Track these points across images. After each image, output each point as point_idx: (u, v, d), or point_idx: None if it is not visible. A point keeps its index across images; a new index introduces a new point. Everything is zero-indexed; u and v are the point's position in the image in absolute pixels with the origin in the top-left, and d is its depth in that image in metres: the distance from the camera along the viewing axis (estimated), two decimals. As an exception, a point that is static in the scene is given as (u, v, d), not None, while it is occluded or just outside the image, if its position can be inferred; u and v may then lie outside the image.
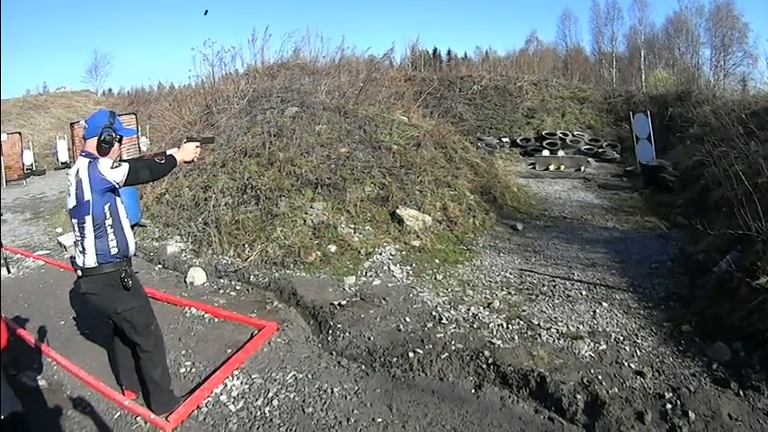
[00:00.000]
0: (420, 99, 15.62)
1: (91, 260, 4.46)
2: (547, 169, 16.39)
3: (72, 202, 4.40)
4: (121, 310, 4.69)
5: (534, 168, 16.67)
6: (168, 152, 4.88)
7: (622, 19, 54.36)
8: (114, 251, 4.53)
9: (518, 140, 19.59)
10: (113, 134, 4.49)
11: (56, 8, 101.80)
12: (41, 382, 5.76)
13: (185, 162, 5.12)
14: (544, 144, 18.86)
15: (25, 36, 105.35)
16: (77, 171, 4.38)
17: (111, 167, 4.33)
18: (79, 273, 4.55)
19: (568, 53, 54.63)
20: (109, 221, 4.48)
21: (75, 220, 4.45)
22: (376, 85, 14.56)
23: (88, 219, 4.39)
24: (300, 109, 11.86)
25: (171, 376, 5.22)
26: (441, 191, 9.98)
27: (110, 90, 60.71)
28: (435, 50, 57.61)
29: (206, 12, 36.87)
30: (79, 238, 4.47)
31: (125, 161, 4.54)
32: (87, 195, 4.33)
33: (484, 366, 5.13)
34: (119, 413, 5.09)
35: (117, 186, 4.43)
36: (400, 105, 14.05)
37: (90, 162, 4.39)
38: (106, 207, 4.44)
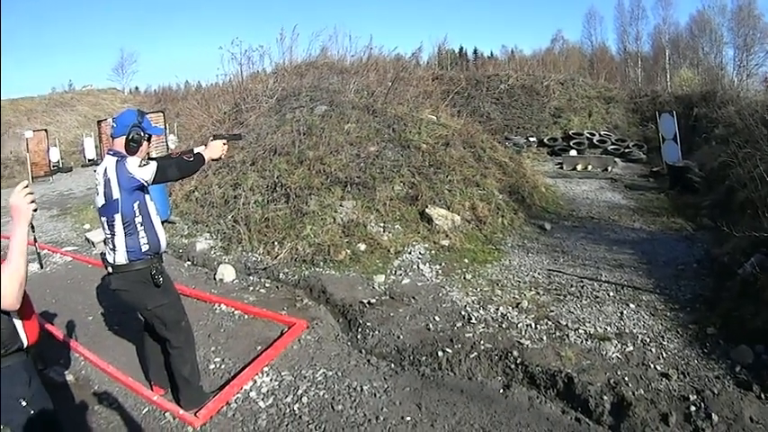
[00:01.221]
0: (448, 98, 15.55)
1: (121, 257, 4.50)
2: (574, 169, 16.34)
3: (101, 201, 4.44)
4: (152, 307, 4.75)
5: (561, 168, 16.62)
6: (196, 150, 4.94)
7: (647, 18, 53.87)
8: (145, 248, 4.56)
9: (545, 140, 19.54)
10: (142, 133, 4.55)
11: (81, 7, 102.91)
12: (69, 377, 5.86)
13: (213, 160, 5.16)
14: (571, 144, 18.82)
15: (50, 34, 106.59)
16: (105, 170, 4.41)
17: (140, 165, 4.36)
18: (109, 269, 4.60)
19: (594, 52, 54.21)
20: (139, 219, 4.51)
21: (104, 219, 4.49)
22: (404, 84, 14.55)
23: (117, 217, 4.42)
24: (329, 108, 11.90)
25: (200, 372, 5.27)
26: (469, 190, 9.95)
27: (136, 88, 60.59)
28: (462, 49, 57.18)
29: None
30: (109, 236, 4.51)
31: (153, 159, 4.58)
32: (116, 194, 4.36)
33: (512, 366, 5.16)
34: (147, 408, 5.16)
35: (146, 184, 4.46)
36: (428, 104, 14.04)
37: (118, 161, 4.41)
38: (135, 205, 4.47)
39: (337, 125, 11.23)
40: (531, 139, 19.61)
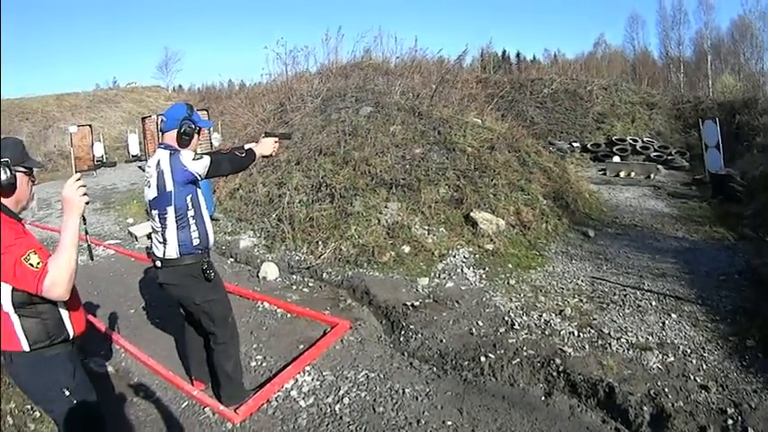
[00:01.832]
0: (493, 102, 15.44)
1: (172, 251, 4.55)
2: (617, 175, 16.16)
3: (153, 193, 4.50)
4: (200, 302, 4.78)
5: (605, 174, 16.46)
6: (247, 146, 4.97)
7: (688, 22, 52.96)
8: (196, 242, 4.62)
9: (589, 145, 19.32)
10: (193, 126, 4.63)
11: (126, 6, 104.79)
12: (109, 369, 6.02)
13: (264, 156, 5.18)
14: (614, 150, 18.58)
15: (95, 32, 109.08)
16: (158, 162, 4.48)
17: (194, 159, 4.45)
18: (158, 263, 4.66)
19: (636, 57, 53.58)
20: (191, 212, 4.55)
21: (155, 211, 4.55)
22: (449, 86, 14.51)
23: (170, 210, 4.47)
24: (375, 109, 11.94)
25: (242, 369, 5.32)
26: (514, 195, 9.88)
27: (180, 86, 62.09)
28: (505, 52, 56.95)
29: None
30: (160, 229, 4.56)
31: (206, 153, 4.65)
32: (169, 186, 4.43)
33: (554, 374, 5.17)
34: (186, 403, 5.27)
35: (199, 178, 4.52)
36: (473, 108, 13.94)
37: (171, 153, 4.49)
38: (188, 198, 4.51)
39: (383, 126, 11.26)
40: (575, 145, 19.40)
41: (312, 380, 5.53)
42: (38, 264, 2.85)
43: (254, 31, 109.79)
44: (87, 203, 3.18)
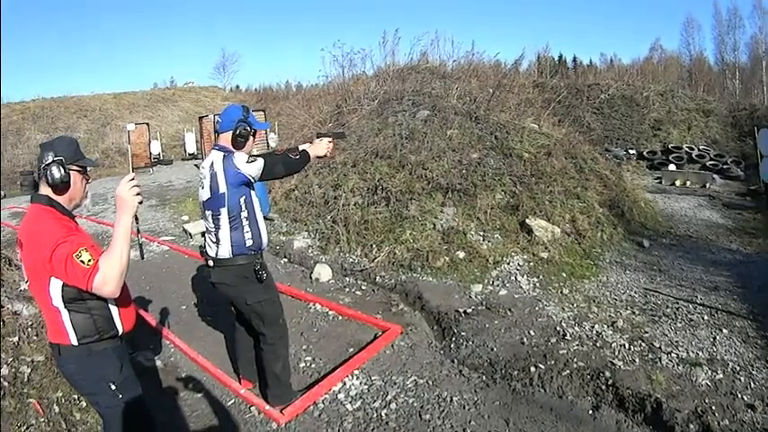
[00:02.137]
0: (549, 107, 15.33)
1: (225, 251, 4.63)
2: (672, 184, 15.90)
3: (206, 194, 4.57)
4: (252, 302, 4.84)
5: (660, 183, 16.21)
6: (301, 147, 4.99)
7: (743, 27, 51.50)
8: (249, 243, 4.68)
9: (645, 153, 19.03)
10: (248, 128, 4.66)
11: (183, 6, 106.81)
12: (158, 363, 6.16)
13: (318, 158, 5.14)
14: (670, 158, 18.27)
15: (154, 32, 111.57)
16: (212, 164, 4.55)
17: (247, 161, 4.51)
18: (210, 263, 4.74)
19: (692, 62, 52.45)
20: (244, 214, 4.61)
21: (209, 212, 4.63)
22: (506, 91, 14.44)
23: (223, 211, 4.54)
24: (432, 113, 11.92)
25: (290, 370, 5.38)
26: (570, 202, 9.78)
27: (237, 87, 62.25)
28: (561, 57, 56.08)
29: None
30: (213, 229, 4.64)
31: (260, 156, 4.69)
32: (222, 188, 4.49)
33: (603, 387, 5.12)
34: (232, 401, 5.39)
35: (252, 180, 4.58)
36: (530, 113, 13.87)
37: (225, 155, 4.55)
38: (241, 200, 4.57)
39: (440, 130, 11.25)
40: (631, 152, 19.11)
41: (360, 383, 5.58)
42: (89, 261, 3.00)
43: (311, 33, 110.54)
44: (140, 203, 3.28)
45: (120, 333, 3.41)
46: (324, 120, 14.33)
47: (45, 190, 3.21)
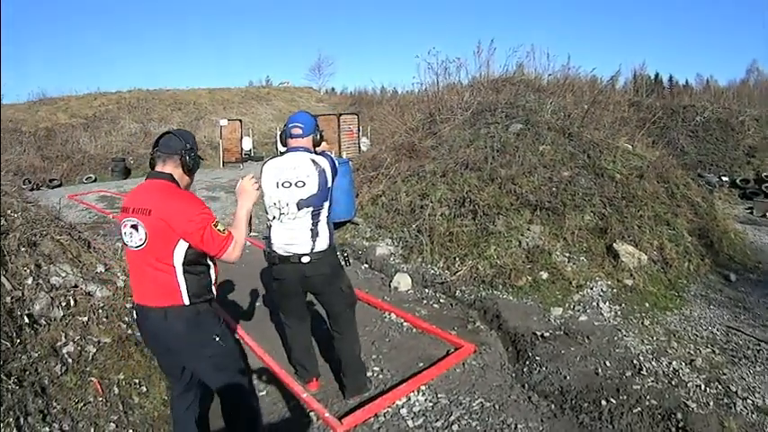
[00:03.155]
0: (644, 127, 14.71)
1: (324, 243, 4.93)
2: (764, 216, 15.21)
3: (310, 190, 4.78)
4: (345, 287, 5.25)
5: (751, 213, 15.55)
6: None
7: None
8: (333, 234, 5.11)
9: (738, 181, 18.28)
10: (321, 136, 5.18)
11: (282, 8, 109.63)
12: None
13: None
14: (763, 187, 17.51)
15: (251, 33, 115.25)
16: (313, 161, 4.85)
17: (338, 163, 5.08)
18: (306, 259, 4.88)
19: (790, 85, 50.46)
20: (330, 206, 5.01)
21: (308, 208, 4.81)
22: (601, 108, 14.13)
23: (326, 204, 4.90)
24: (525, 126, 11.72)
25: None
26: (659, 228, 9.37)
27: (332, 89, 63.89)
28: (657, 75, 54.81)
29: None
30: (312, 225, 4.86)
31: None
32: (329, 183, 4.86)
33: (673, 429, 4.83)
34: (293, 403, 5.42)
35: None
36: (624, 132, 13.49)
37: (321, 154, 5.01)
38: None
39: (532, 145, 11.04)
40: (724, 179, 18.38)
41: (425, 400, 5.50)
42: (224, 231, 3.73)
43: (406, 39, 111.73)
44: (260, 194, 4.04)
45: (212, 298, 3.94)
46: (416, 128, 14.22)
47: (169, 169, 3.73)
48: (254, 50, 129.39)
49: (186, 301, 3.66)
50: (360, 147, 23.64)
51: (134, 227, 3.61)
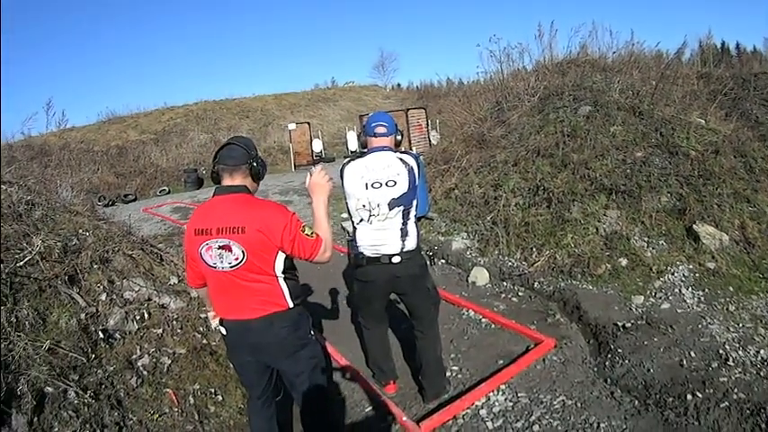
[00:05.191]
0: (716, 100, 14.27)
1: (413, 242, 4.90)
2: None
3: (401, 189, 4.73)
4: (431, 287, 5.26)
5: (835, 182, 14.81)
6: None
7: None
8: (419, 231, 5.09)
9: (820, 150, 17.50)
10: (402, 134, 5.21)
11: (344, 8, 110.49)
12: None
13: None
14: (843, 156, 16.73)
15: (315, 35, 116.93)
16: (402, 160, 4.82)
17: None
18: (396, 259, 4.85)
19: None
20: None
21: (399, 208, 4.77)
22: (669, 83, 13.68)
23: (414, 203, 4.85)
24: (594, 108, 11.46)
25: None
26: (739, 206, 8.83)
27: (398, 85, 64.59)
28: (723, 44, 53.05)
29: None
30: (402, 224, 4.82)
31: None
32: (417, 181, 4.83)
33: (762, 426, 4.42)
34: (371, 406, 5.45)
35: None
36: (696, 106, 13.01)
37: (407, 152, 5.01)
38: None
39: (602, 127, 10.77)
40: (805, 149, 17.61)
41: (505, 400, 5.39)
42: (312, 234, 3.69)
43: (465, 28, 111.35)
44: (333, 186, 3.99)
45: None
46: (484, 117, 14.15)
47: (239, 181, 3.75)
48: (316, 53, 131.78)
49: (290, 304, 3.75)
50: (430, 140, 23.68)
51: (224, 248, 3.56)
